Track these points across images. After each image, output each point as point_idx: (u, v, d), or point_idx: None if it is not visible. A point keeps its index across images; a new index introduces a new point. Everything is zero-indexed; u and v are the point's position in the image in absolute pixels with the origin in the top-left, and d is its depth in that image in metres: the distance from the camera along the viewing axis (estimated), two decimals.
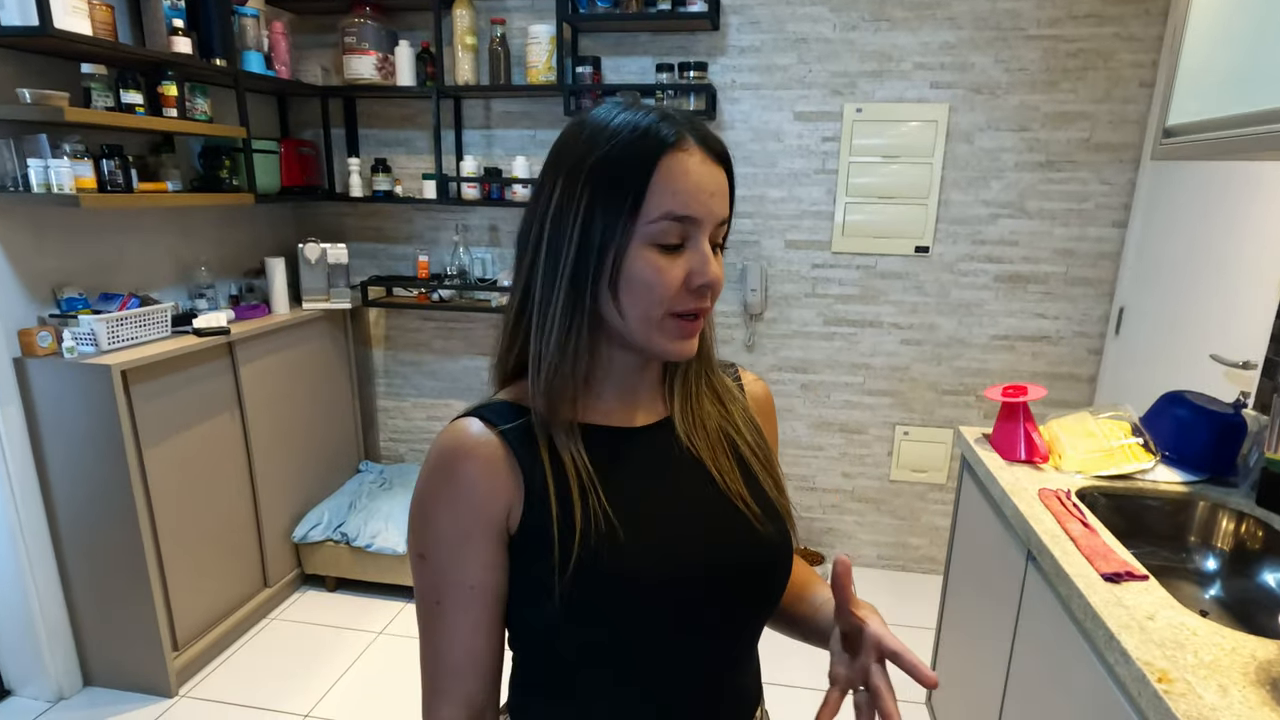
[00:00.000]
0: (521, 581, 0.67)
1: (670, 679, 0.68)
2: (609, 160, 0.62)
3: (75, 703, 2.11)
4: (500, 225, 2.89)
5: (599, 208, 0.62)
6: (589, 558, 0.63)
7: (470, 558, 0.66)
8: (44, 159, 1.83)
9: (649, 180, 0.61)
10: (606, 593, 0.63)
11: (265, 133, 2.75)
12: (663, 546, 0.66)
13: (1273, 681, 0.88)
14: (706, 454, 0.72)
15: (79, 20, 1.83)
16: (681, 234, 0.63)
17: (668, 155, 0.62)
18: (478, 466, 0.65)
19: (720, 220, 0.65)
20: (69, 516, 2.04)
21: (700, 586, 0.66)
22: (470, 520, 0.65)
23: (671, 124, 0.63)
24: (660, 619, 0.65)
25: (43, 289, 2.01)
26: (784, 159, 2.64)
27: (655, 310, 0.64)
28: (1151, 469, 1.53)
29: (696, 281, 0.63)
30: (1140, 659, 0.92)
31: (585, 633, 0.64)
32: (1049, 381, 2.65)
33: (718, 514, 0.69)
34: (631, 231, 0.62)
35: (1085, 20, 2.35)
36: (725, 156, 0.66)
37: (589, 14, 2.48)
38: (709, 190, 0.63)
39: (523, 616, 0.68)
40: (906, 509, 2.87)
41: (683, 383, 0.74)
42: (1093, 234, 2.51)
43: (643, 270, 0.62)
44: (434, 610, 0.68)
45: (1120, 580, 1.12)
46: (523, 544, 0.66)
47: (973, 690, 1.66)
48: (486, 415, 0.68)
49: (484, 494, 0.65)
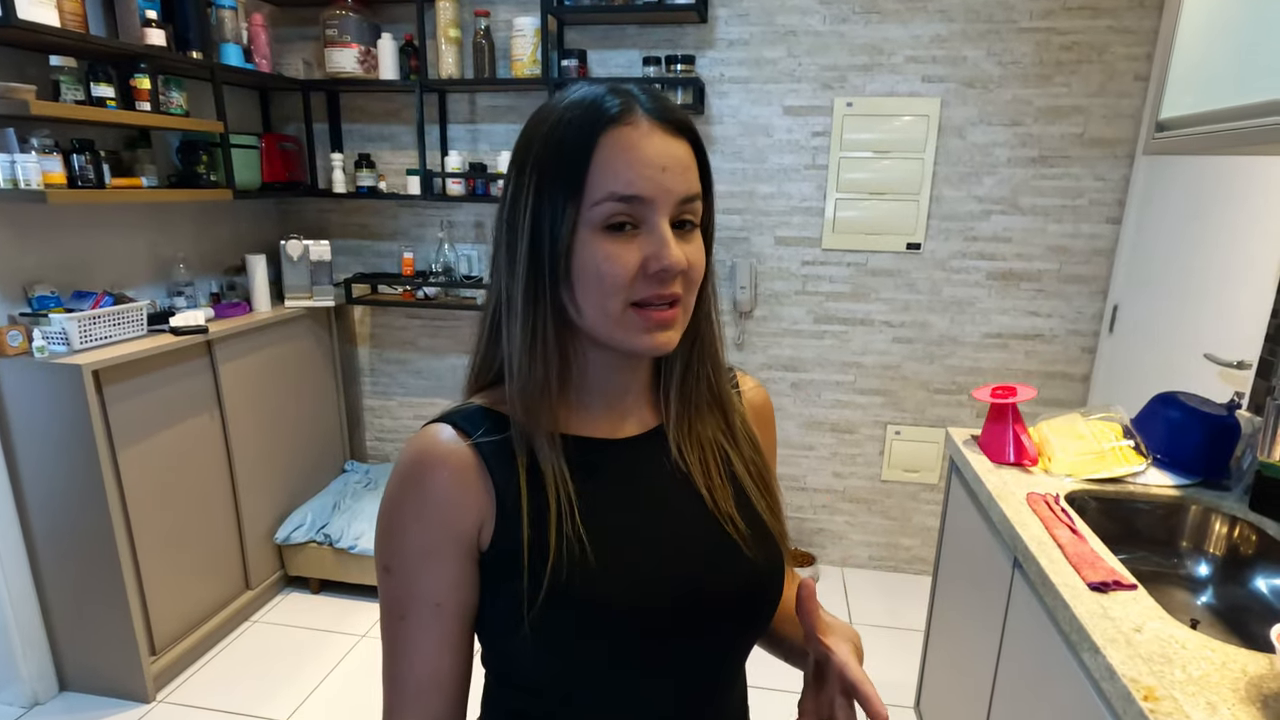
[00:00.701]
0: (491, 605, 0.63)
1: (646, 710, 0.64)
2: (551, 142, 0.58)
3: (50, 708, 2.08)
4: (486, 221, 2.84)
5: (545, 194, 0.58)
6: (560, 586, 0.59)
7: (437, 573, 0.61)
8: (10, 154, 1.79)
9: (589, 159, 0.56)
10: (576, 621, 0.59)
11: (246, 127, 2.71)
12: (639, 573, 0.61)
13: (1264, 699, 0.85)
14: (697, 470, 0.67)
15: (45, 11, 1.78)
16: (632, 215, 0.57)
17: (610, 131, 0.57)
18: (448, 477, 0.61)
19: (683, 197, 0.58)
20: (42, 520, 2.00)
21: (676, 616, 0.62)
22: (438, 534, 0.61)
23: (617, 96, 0.58)
24: (633, 649, 0.61)
25: (13, 287, 1.97)
26: (773, 154, 2.59)
27: (612, 302, 0.58)
28: (1143, 472, 1.50)
29: (653, 266, 0.57)
30: (1126, 675, 0.88)
31: (555, 661, 0.60)
32: (1042, 380, 2.62)
33: (701, 537, 0.64)
34: (577, 218, 0.57)
35: (1079, 12, 2.31)
36: (684, 125, 0.60)
37: (574, 6, 2.43)
38: (659, 165, 0.57)
39: (492, 640, 0.65)
40: (898, 509, 2.84)
41: (681, 388, 0.68)
42: (1086, 230, 2.47)
43: (591, 259, 0.57)
44: (398, 625, 0.63)
45: (1108, 589, 1.08)
46: (493, 563, 0.62)
47: (961, 696, 1.63)
48: (459, 422, 0.63)
49: (453, 507, 0.61)
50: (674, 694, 0.65)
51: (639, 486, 0.65)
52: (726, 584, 0.64)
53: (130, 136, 2.25)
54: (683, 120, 0.60)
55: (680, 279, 0.59)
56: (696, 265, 0.60)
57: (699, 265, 0.61)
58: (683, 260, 0.58)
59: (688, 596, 0.62)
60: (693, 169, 0.60)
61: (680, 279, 0.59)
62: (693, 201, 0.59)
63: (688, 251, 0.59)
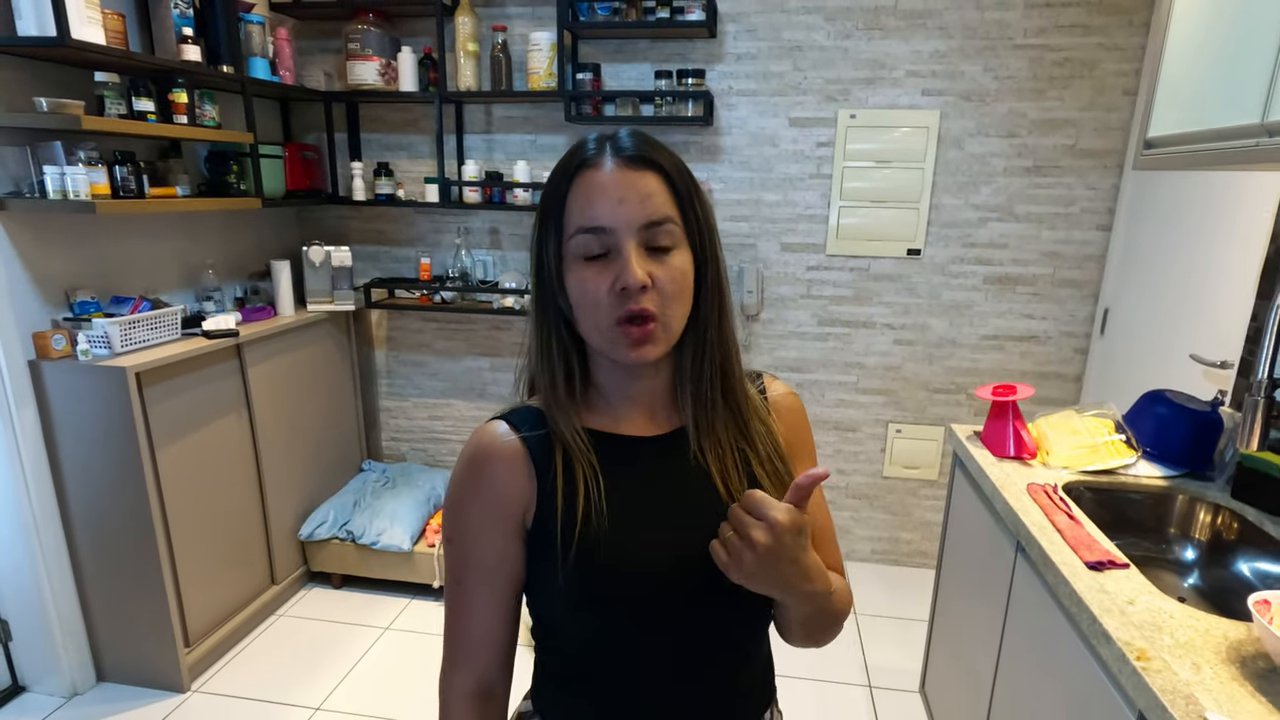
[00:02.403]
0: (534, 574, 0.73)
1: (669, 673, 0.73)
2: (546, 188, 0.71)
3: (89, 698, 2.16)
4: (501, 228, 2.94)
5: (542, 233, 0.71)
6: (587, 551, 0.69)
7: (489, 546, 0.73)
8: (59, 166, 1.87)
9: (565, 200, 0.68)
10: (602, 584, 0.69)
11: (269, 137, 2.79)
12: (654, 546, 0.70)
13: (1242, 660, 0.95)
14: (715, 465, 0.74)
15: (94, 30, 1.87)
16: (601, 244, 0.66)
17: (580, 175, 0.68)
18: (501, 466, 0.72)
19: (645, 222, 0.66)
20: (82, 516, 2.08)
21: (688, 587, 0.70)
22: (491, 513, 0.72)
23: (595, 142, 0.69)
24: (649, 614, 0.70)
25: (55, 292, 2.05)
26: (780, 164, 2.70)
27: (601, 320, 0.67)
28: (1133, 464, 1.61)
29: (618, 285, 0.65)
30: (1120, 639, 0.98)
31: (586, 623, 0.70)
32: (1037, 380, 2.73)
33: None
34: (563, 251, 0.69)
35: (1071, 30, 2.42)
36: (647, 159, 0.68)
37: (589, 21, 2.53)
38: (617, 198, 0.65)
39: (536, 609, 0.75)
40: (899, 505, 2.94)
41: (695, 392, 0.75)
42: (1078, 237, 2.59)
43: (576, 285, 0.68)
44: (456, 589, 0.75)
45: (1103, 568, 1.19)
46: (536, 539, 0.72)
47: (965, 676, 1.74)
48: (513, 420, 0.75)
49: (504, 492, 0.72)
50: (693, 662, 0.73)
51: (661, 477, 0.74)
52: None
53: (162, 147, 2.34)
54: (647, 156, 0.68)
55: (651, 295, 0.66)
56: (666, 280, 0.67)
57: (670, 281, 0.67)
58: (641, 278, 0.65)
59: (698, 572, 0.69)
60: (657, 195, 0.67)
61: (651, 295, 0.66)
62: (662, 224, 0.67)
63: (655, 270, 0.66)
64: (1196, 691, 0.88)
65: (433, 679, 0.80)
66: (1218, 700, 0.87)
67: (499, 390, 3.11)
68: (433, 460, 3.25)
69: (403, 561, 2.64)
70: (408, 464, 3.15)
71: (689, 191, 0.70)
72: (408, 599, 2.70)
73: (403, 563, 2.65)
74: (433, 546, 2.64)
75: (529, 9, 2.70)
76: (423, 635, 2.49)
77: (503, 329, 3.04)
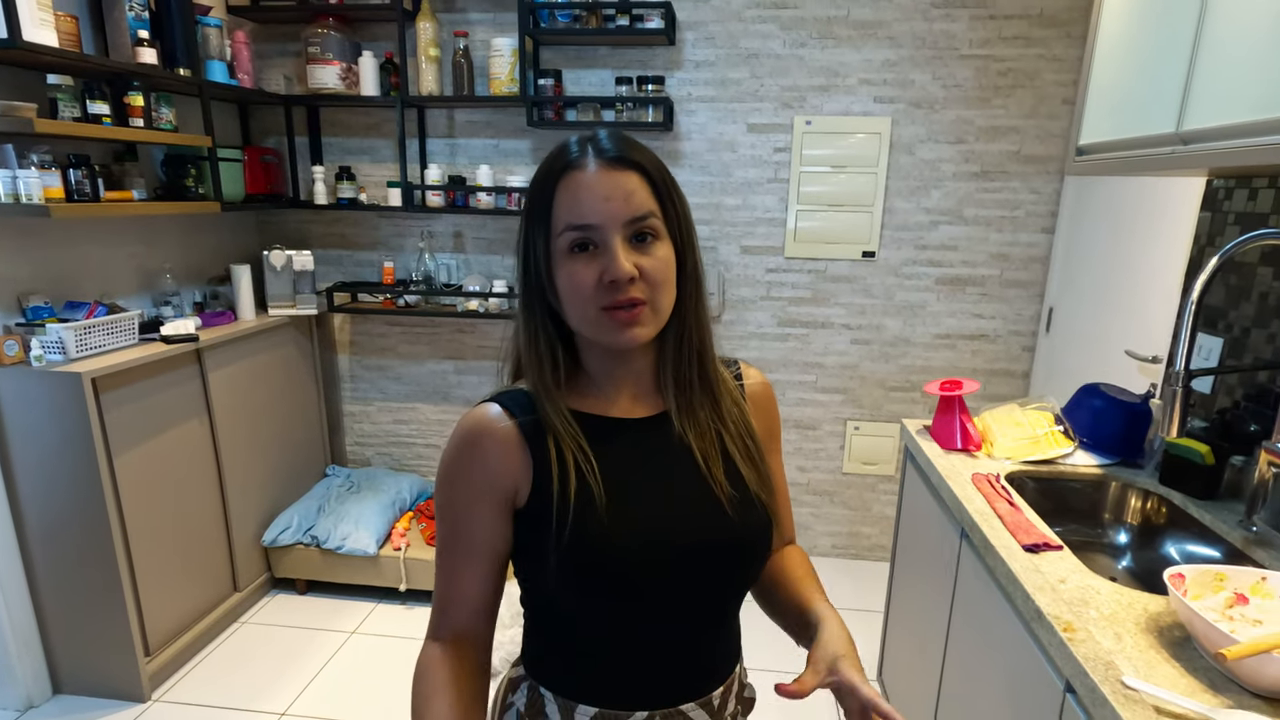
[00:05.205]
0: (527, 546, 0.78)
1: (655, 639, 0.78)
2: (532, 187, 0.76)
3: (45, 710, 2.12)
4: (465, 232, 2.96)
5: (529, 228, 0.75)
6: (581, 525, 0.73)
7: (475, 518, 0.77)
8: (11, 169, 1.85)
9: (553, 199, 0.73)
10: (594, 557, 0.74)
11: (227, 140, 2.77)
12: (640, 521, 0.75)
13: (1160, 629, 1.03)
14: (696, 444, 0.79)
15: (46, 32, 1.85)
16: (589, 238, 0.71)
17: (565, 175, 0.72)
18: (494, 446, 0.77)
19: (630, 218, 0.71)
20: (37, 525, 2.05)
21: (671, 558, 0.76)
22: (480, 488, 0.77)
23: (577, 144, 0.74)
24: (638, 585, 0.75)
25: (7, 298, 2.02)
26: (738, 169, 2.77)
27: (588, 310, 0.72)
28: (1071, 454, 1.70)
29: (606, 277, 0.70)
30: (1050, 614, 1.05)
31: (577, 593, 0.75)
32: (987, 377, 2.84)
33: (695, 498, 0.77)
34: (551, 246, 0.74)
35: (1013, 42, 2.54)
36: (630, 160, 0.73)
37: (550, 28, 2.57)
38: (603, 195, 0.70)
39: (527, 580, 0.80)
40: (858, 500, 3.03)
41: (675, 375, 0.81)
42: (1024, 239, 2.70)
43: (565, 277, 0.73)
44: (444, 555, 0.80)
45: (1039, 550, 1.26)
46: (529, 515, 0.77)
47: (918, 658, 1.81)
48: (505, 402, 0.79)
49: (496, 469, 0.76)
50: (678, 628, 0.79)
51: (646, 455, 0.80)
52: (713, 536, 0.77)
53: (117, 150, 2.31)
54: (628, 156, 0.73)
55: (638, 284, 0.71)
56: (652, 270, 0.72)
57: (656, 269, 0.72)
58: (629, 269, 0.70)
59: (680, 544, 0.75)
60: (639, 193, 0.72)
61: (638, 284, 0.71)
62: (645, 219, 0.72)
63: (641, 260, 0.72)
64: (1117, 659, 0.95)
65: (401, 681, 0.85)
66: (1136, 666, 0.94)
67: (464, 393, 3.12)
68: (398, 464, 3.25)
69: (368, 566, 2.64)
70: (373, 468, 3.14)
71: (668, 188, 0.75)
72: (374, 603, 2.69)
73: (368, 567, 2.64)
74: (398, 550, 2.64)
75: (490, 15, 2.73)
76: (389, 639, 2.49)
77: (467, 332, 3.05)
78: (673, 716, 0.80)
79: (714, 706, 0.83)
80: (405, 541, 2.67)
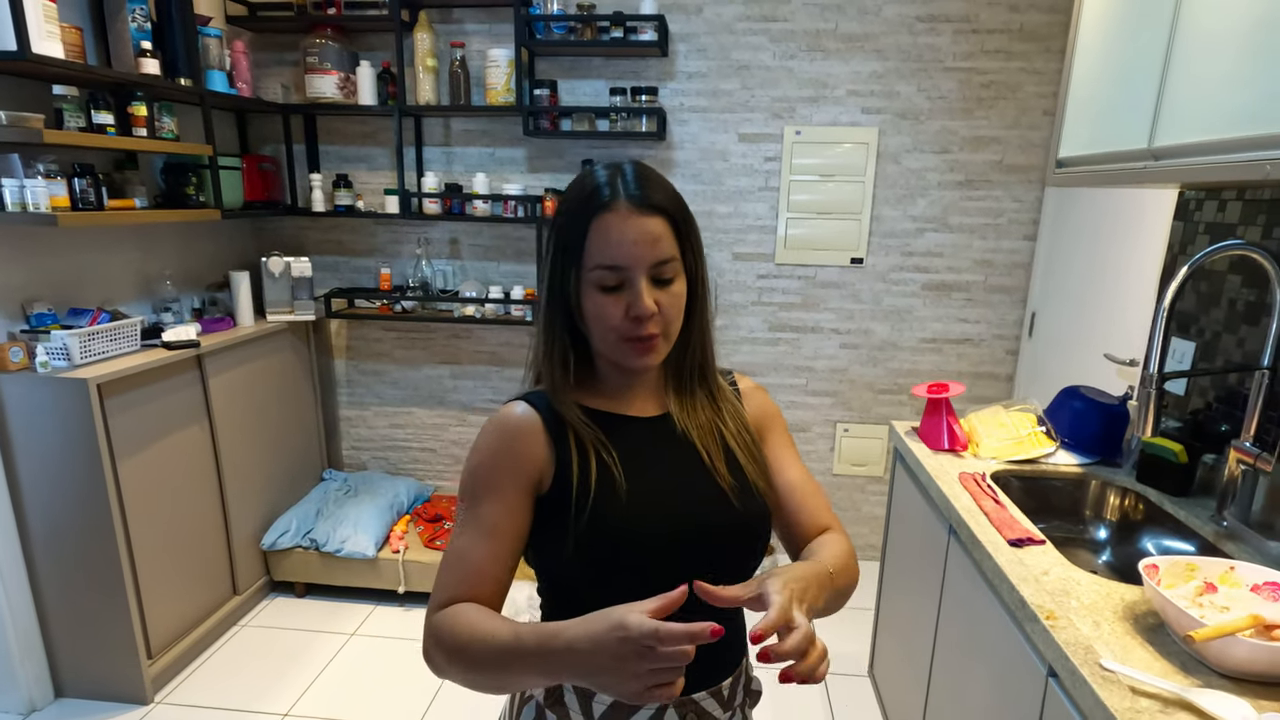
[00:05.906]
0: (545, 534, 0.83)
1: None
2: (563, 219, 0.83)
3: (47, 714, 2.13)
4: (461, 238, 3.00)
5: (559, 257, 0.83)
6: (600, 512, 0.80)
7: (495, 501, 0.82)
8: (19, 179, 1.88)
9: (585, 238, 0.80)
10: (612, 542, 0.80)
11: (226, 149, 2.80)
12: (653, 508, 0.82)
13: (1136, 617, 1.09)
14: (698, 440, 0.89)
15: (53, 44, 1.88)
16: (617, 278, 0.80)
17: (599, 217, 0.80)
18: (523, 437, 0.84)
19: (654, 261, 0.79)
20: (41, 530, 2.07)
21: (680, 542, 0.82)
22: (504, 473, 0.83)
23: (609, 187, 0.81)
24: (652, 570, 0.81)
25: (12, 305, 2.04)
26: (730, 177, 2.83)
27: (609, 336, 0.82)
28: (1053, 454, 1.77)
29: (631, 313, 0.79)
30: (1033, 603, 1.12)
31: (593, 578, 0.80)
32: (972, 380, 2.92)
33: (700, 486, 0.86)
34: (580, 278, 0.82)
35: (996, 55, 2.62)
36: (658, 205, 0.80)
37: (546, 40, 2.62)
38: (632, 240, 0.78)
39: (545, 567, 0.86)
40: (848, 501, 3.09)
41: (676, 385, 0.92)
42: (1007, 246, 2.79)
43: (592, 308, 0.82)
44: (460, 531, 0.84)
45: (1023, 545, 1.32)
46: (551, 501, 0.83)
47: (907, 653, 1.87)
48: (532, 400, 0.87)
49: (520, 457, 0.83)
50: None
51: (654, 449, 0.88)
52: (718, 522, 0.85)
53: (118, 159, 2.34)
54: (657, 202, 0.80)
55: (656, 319, 0.80)
56: (669, 306, 0.81)
57: (672, 305, 0.82)
58: (652, 307, 0.79)
59: (689, 530, 0.82)
60: (664, 239, 0.80)
61: (656, 319, 0.80)
62: (667, 262, 0.81)
63: (661, 298, 0.80)
64: (1095, 644, 1.02)
65: (399, 683, 0.88)
66: (1113, 650, 1.00)
67: (459, 398, 3.16)
68: (394, 468, 3.28)
69: (367, 568, 2.67)
70: (369, 472, 3.18)
71: (687, 226, 0.84)
72: (372, 605, 2.72)
73: (367, 569, 2.67)
74: (397, 553, 2.68)
75: (487, 26, 2.78)
76: (388, 640, 2.52)
77: (462, 337, 3.09)
78: (687, 705, 0.85)
79: (724, 696, 0.88)
80: (404, 544, 2.71)
